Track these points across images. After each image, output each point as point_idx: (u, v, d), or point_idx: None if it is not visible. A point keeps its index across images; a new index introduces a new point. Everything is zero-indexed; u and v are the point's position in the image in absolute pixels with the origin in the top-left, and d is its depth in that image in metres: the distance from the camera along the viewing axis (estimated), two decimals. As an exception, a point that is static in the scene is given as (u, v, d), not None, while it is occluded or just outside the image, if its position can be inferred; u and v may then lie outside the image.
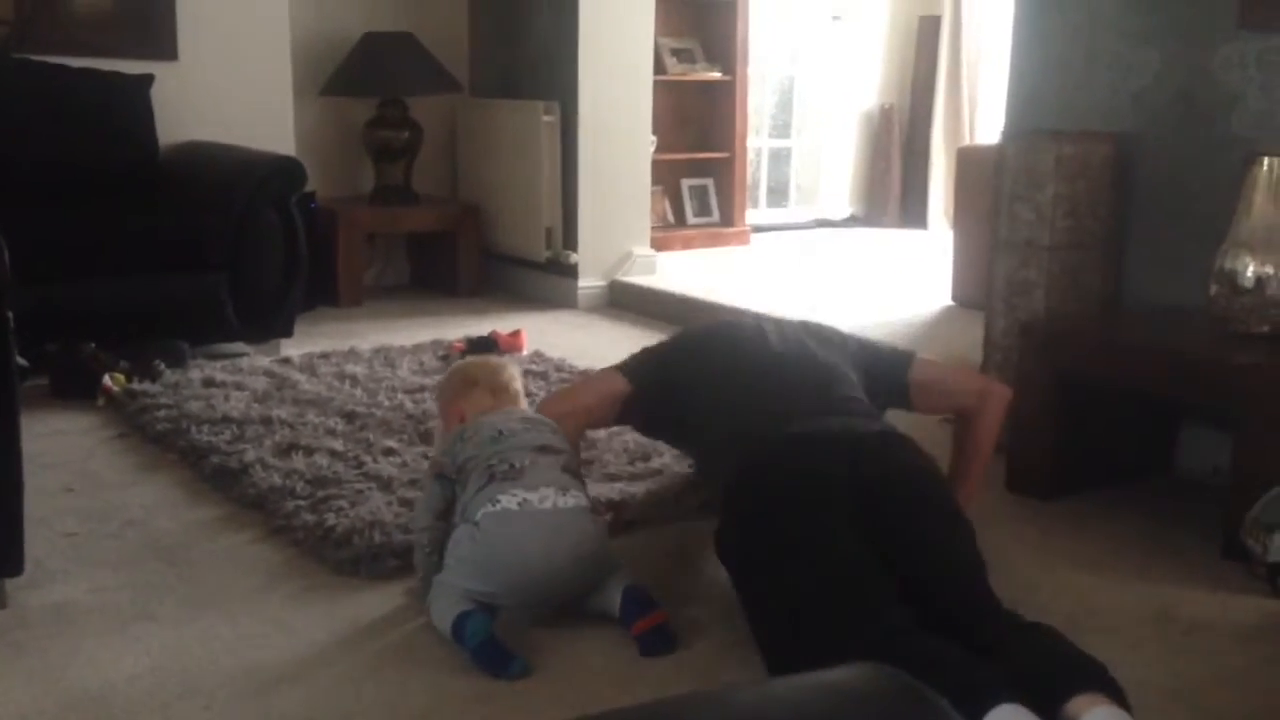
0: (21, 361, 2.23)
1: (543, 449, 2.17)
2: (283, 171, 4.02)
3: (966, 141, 6.42)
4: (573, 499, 2.11)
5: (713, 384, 2.38)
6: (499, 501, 2.06)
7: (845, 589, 1.87)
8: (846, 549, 1.93)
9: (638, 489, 2.74)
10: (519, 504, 2.06)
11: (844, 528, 1.96)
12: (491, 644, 1.97)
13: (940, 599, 1.92)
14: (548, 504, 2.07)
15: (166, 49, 4.46)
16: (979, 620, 1.88)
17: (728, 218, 6.27)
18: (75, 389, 3.49)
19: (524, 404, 2.45)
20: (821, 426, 2.16)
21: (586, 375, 2.51)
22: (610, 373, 2.51)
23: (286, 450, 2.92)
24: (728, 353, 2.44)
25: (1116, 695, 1.68)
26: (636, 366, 2.50)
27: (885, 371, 2.50)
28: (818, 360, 2.39)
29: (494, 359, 2.68)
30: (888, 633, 1.78)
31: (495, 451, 2.14)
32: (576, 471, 2.23)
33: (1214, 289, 2.65)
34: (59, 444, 3.11)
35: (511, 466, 2.11)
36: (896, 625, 1.80)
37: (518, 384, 2.48)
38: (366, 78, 5.07)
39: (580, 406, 2.46)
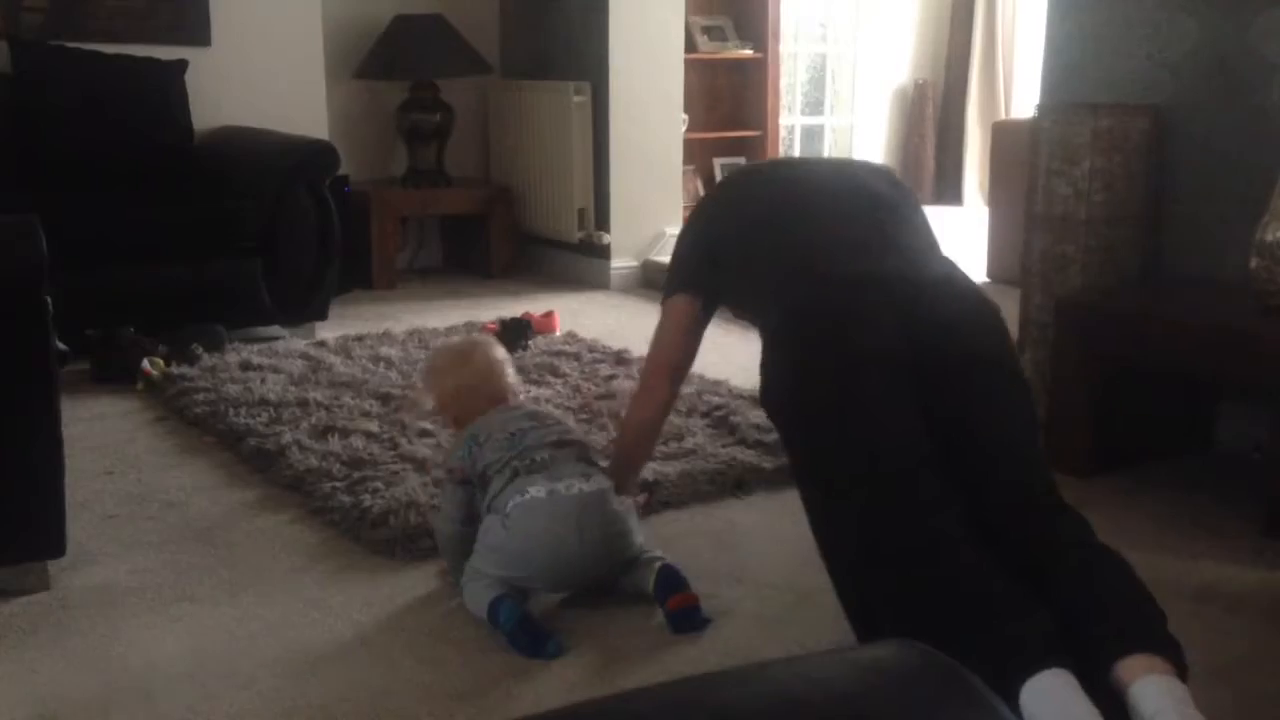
0: (61, 347, 2.26)
1: (558, 444, 2.17)
2: (316, 155, 4.04)
3: (1002, 116, 6.36)
4: (595, 484, 2.12)
5: (756, 240, 2.18)
6: (527, 492, 2.07)
7: (891, 468, 1.78)
8: (896, 416, 1.82)
9: (671, 470, 2.74)
10: (548, 493, 2.07)
11: (894, 386, 1.84)
12: (526, 625, 1.99)
13: (993, 474, 1.84)
14: (574, 490, 2.08)
15: (200, 34, 4.49)
16: (1033, 508, 1.82)
17: (760, 196, 6.23)
18: (115, 373, 3.53)
19: (513, 383, 2.35)
20: (873, 268, 1.99)
21: (658, 333, 2.36)
22: (673, 302, 2.33)
23: (323, 432, 2.94)
24: (768, 200, 2.24)
25: (1174, 654, 1.61)
26: (689, 276, 2.31)
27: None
28: (870, 191, 2.20)
29: (471, 340, 2.48)
30: (933, 539, 1.71)
31: (516, 451, 2.14)
32: (593, 459, 2.22)
33: (1254, 262, 2.61)
34: (99, 428, 3.15)
35: (534, 461, 2.12)
36: (943, 529, 1.72)
37: (501, 370, 2.33)
38: (398, 60, 5.08)
39: (675, 356, 2.33)
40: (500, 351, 2.39)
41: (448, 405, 2.34)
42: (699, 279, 2.30)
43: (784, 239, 2.13)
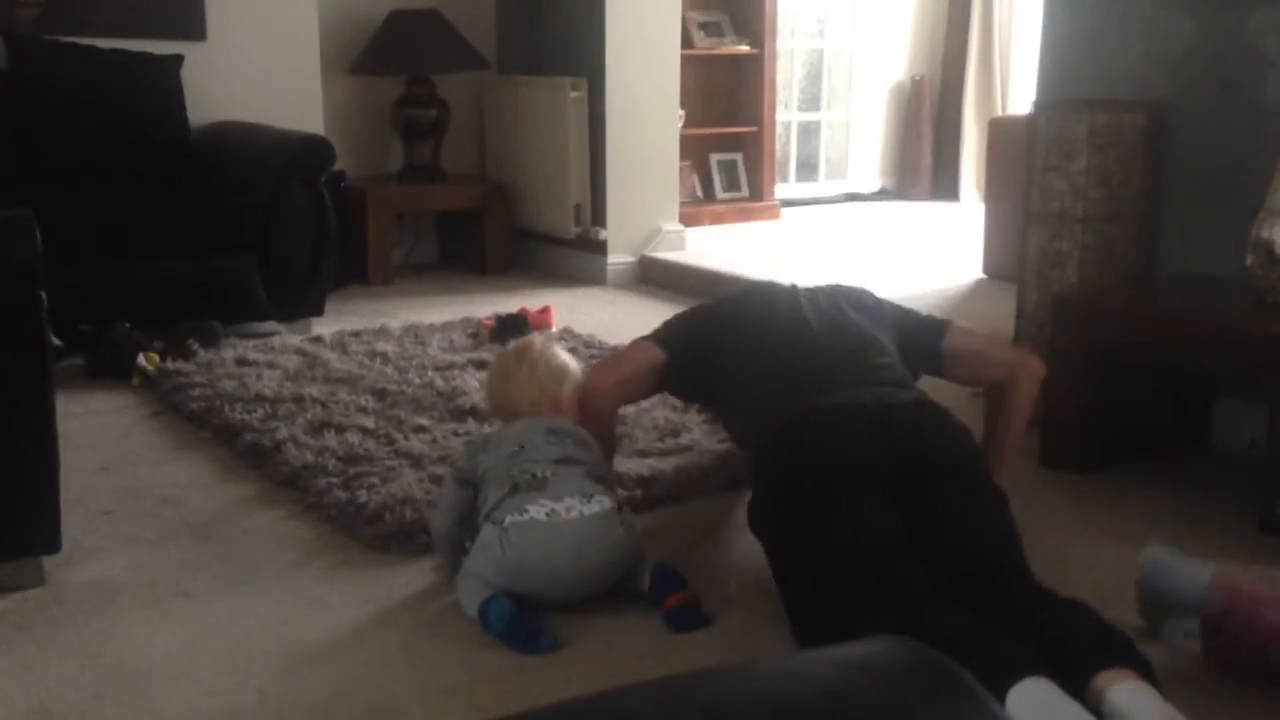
0: (56, 342, 2.25)
1: (563, 460, 2.14)
2: (312, 151, 4.03)
3: (998, 113, 6.35)
4: (598, 504, 2.08)
5: (746, 350, 2.36)
6: (526, 511, 2.04)
7: (876, 561, 1.86)
8: (878, 520, 1.92)
9: (667, 465, 2.74)
10: (546, 514, 2.04)
11: (875, 498, 1.95)
12: (518, 623, 1.98)
13: (972, 571, 1.91)
14: (574, 513, 2.05)
15: (195, 29, 4.48)
16: (1010, 593, 1.87)
17: (757, 192, 6.24)
18: (110, 369, 3.52)
19: (567, 396, 2.35)
20: (855, 395, 2.14)
21: (619, 350, 2.48)
22: (644, 343, 2.50)
23: (318, 428, 2.94)
24: (761, 318, 2.42)
25: (1144, 669, 1.67)
26: (670, 335, 2.48)
27: (919, 337, 2.48)
28: (852, 327, 2.37)
29: (522, 350, 2.44)
30: (917, 606, 1.77)
31: (516, 466, 2.12)
32: (602, 475, 2.20)
33: (1250, 259, 2.62)
34: (94, 423, 3.15)
35: (534, 476, 2.09)
36: (926, 598, 1.79)
37: (551, 383, 2.35)
38: (394, 56, 5.07)
39: (617, 380, 2.45)
40: (562, 361, 2.40)
41: (498, 408, 2.40)
42: (678, 345, 2.45)
43: (782, 365, 2.28)
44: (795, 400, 2.16)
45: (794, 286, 2.54)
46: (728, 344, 2.40)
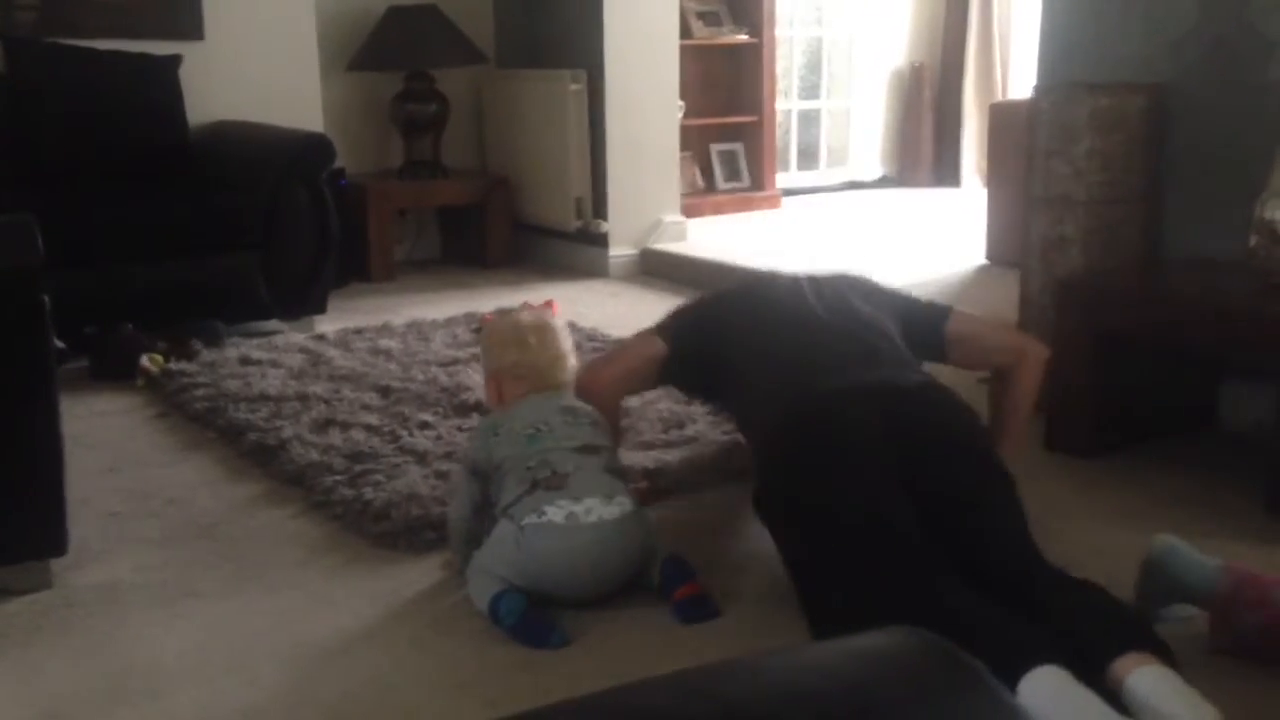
0: (59, 345, 2.25)
1: (584, 449, 2.12)
2: (312, 149, 4.03)
3: (999, 97, 6.34)
4: (618, 506, 2.06)
5: (749, 341, 2.35)
6: (545, 513, 2.02)
7: (886, 547, 1.86)
8: (887, 505, 1.91)
9: (673, 457, 2.74)
10: (565, 517, 2.02)
11: (884, 483, 1.95)
12: (529, 618, 1.98)
13: (982, 553, 1.91)
14: (593, 517, 2.03)
15: (193, 29, 4.47)
16: (1023, 575, 1.86)
17: (758, 182, 6.23)
18: (114, 370, 3.52)
19: (570, 365, 2.35)
20: (860, 380, 2.13)
21: (622, 342, 2.47)
22: (646, 336, 2.49)
23: (323, 426, 2.94)
24: (764, 308, 2.41)
25: (1163, 653, 1.66)
26: (673, 327, 2.47)
27: (922, 323, 2.47)
28: (856, 313, 2.36)
29: (540, 323, 2.39)
30: (930, 592, 1.77)
31: (534, 453, 2.09)
32: (618, 469, 2.18)
33: (1254, 240, 2.61)
34: (99, 425, 3.15)
35: (554, 473, 2.06)
36: (939, 584, 1.79)
37: (563, 350, 2.34)
38: (392, 52, 5.06)
39: (619, 373, 2.45)
40: (563, 342, 2.36)
41: (496, 380, 2.33)
42: (679, 338, 2.43)
43: (787, 354, 2.26)
44: (803, 386, 2.15)
45: (797, 276, 2.53)
46: (732, 334, 2.39)
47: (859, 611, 1.80)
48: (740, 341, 2.37)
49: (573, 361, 2.39)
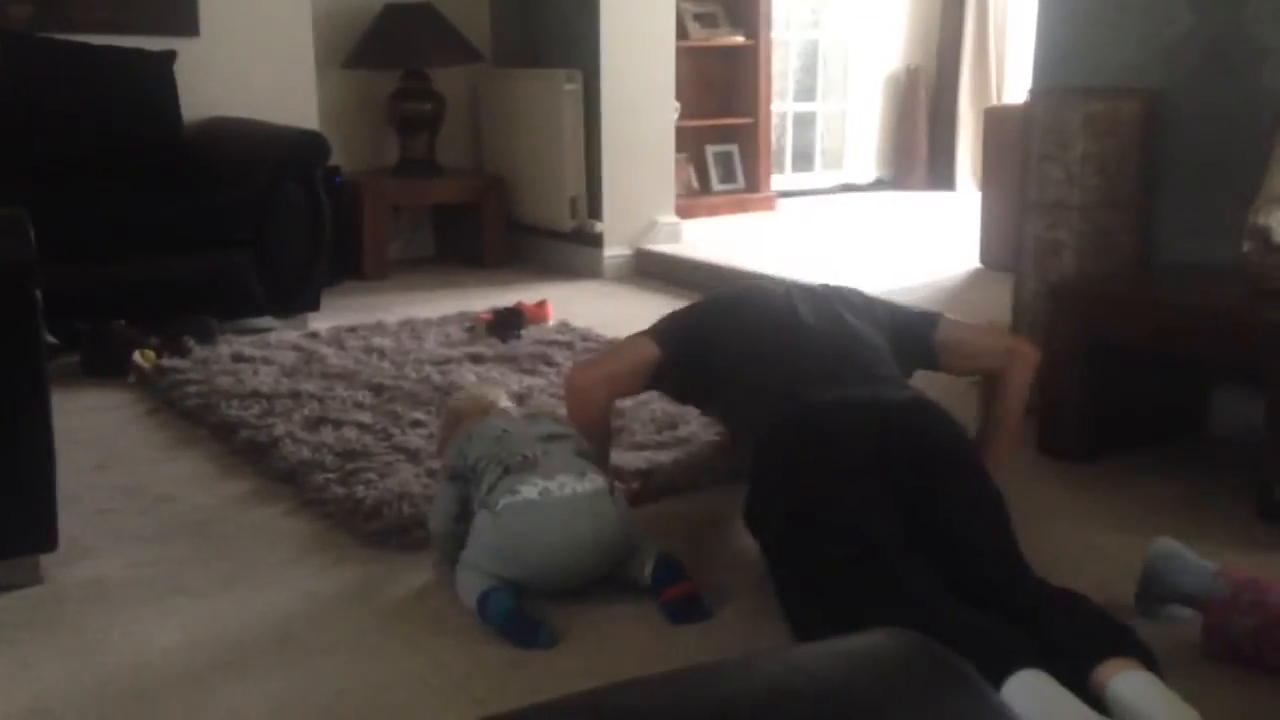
0: (51, 340, 2.25)
1: (550, 437, 2.17)
2: (306, 146, 4.02)
3: (994, 102, 6.35)
4: (590, 483, 2.10)
5: (741, 351, 2.36)
6: (519, 491, 2.05)
7: (873, 560, 1.86)
8: (874, 519, 1.92)
9: (665, 458, 2.74)
10: (539, 493, 2.05)
11: (872, 496, 1.96)
12: (516, 617, 1.98)
13: (969, 566, 1.91)
14: (567, 490, 2.06)
15: (188, 25, 4.46)
16: (1008, 587, 1.87)
17: (753, 184, 6.23)
18: (106, 366, 3.52)
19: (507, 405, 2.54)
20: (850, 394, 2.15)
21: (614, 343, 2.48)
22: (639, 339, 2.48)
23: (315, 424, 2.94)
24: (757, 319, 2.42)
25: (1145, 658, 1.67)
26: (666, 332, 2.47)
27: (912, 332, 2.48)
28: (847, 327, 2.37)
29: (478, 394, 2.61)
30: (915, 603, 1.77)
31: (503, 448, 2.14)
32: (588, 452, 2.21)
33: (1247, 246, 2.61)
34: (90, 421, 3.14)
35: (525, 458, 2.10)
36: (924, 595, 1.79)
37: (506, 402, 2.55)
38: (388, 50, 5.06)
39: (610, 374, 2.45)
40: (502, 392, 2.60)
41: (449, 435, 2.40)
42: (672, 343, 2.43)
43: (778, 365, 2.27)
44: (793, 398, 2.16)
45: (788, 288, 2.54)
46: (723, 341, 2.40)
47: (844, 625, 1.80)
48: (731, 349, 2.37)
49: (502, 397, 2.55)
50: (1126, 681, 1.61)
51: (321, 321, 4.10)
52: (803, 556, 1.96)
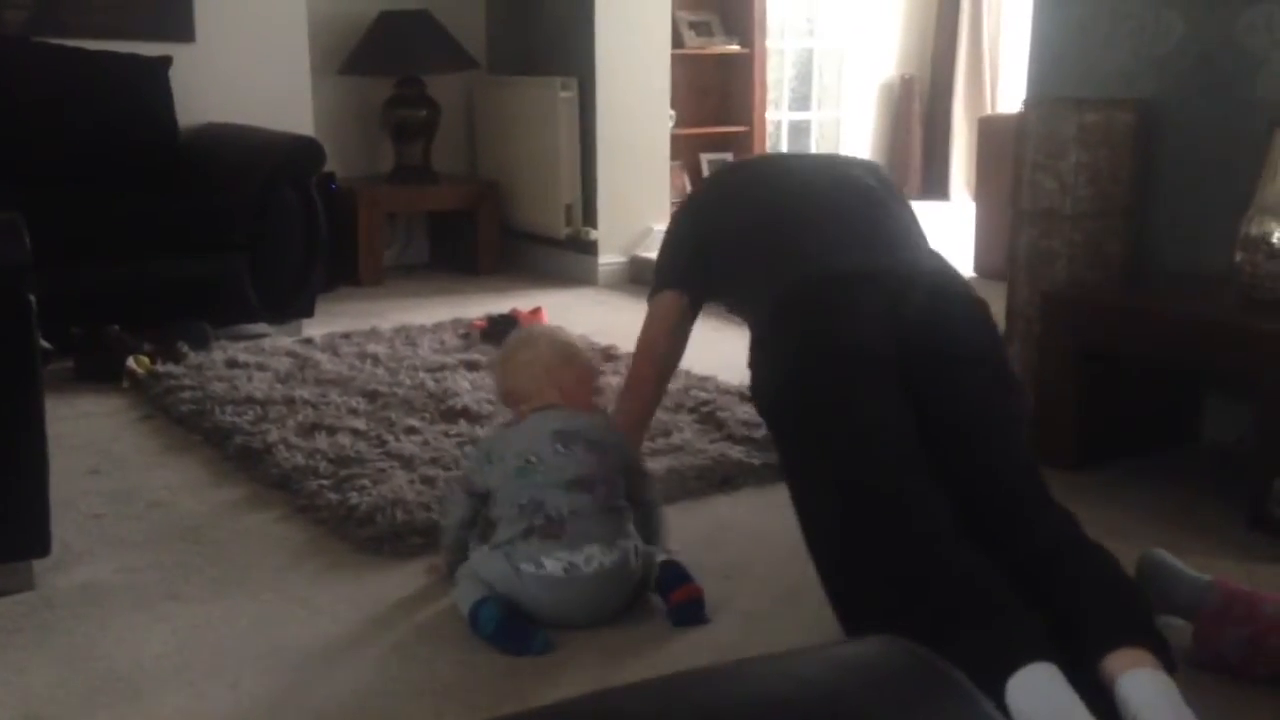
0: (45, 345, 2.25)
1: (575, 483, 2.03)
2: (302, 152, 4.03)
3: (988, 111, 6.37)
4: (619, 550, 2.02)
5: (751, 238, 2.18)
6: (543, 565, 1.98)
7: (880, 467, 1.78)
8: (886, 417, 1.81)
9: (659, 466, 2.74)
10: (564, 569, 1.98)
11: (883, 385, 1.84)
12: (509, 625, 1.97)
13: (983, 492, 1.83)
14: (594, 565, 1.99)
15: (184, 31, 4.47)
16: (1026, 525, 1.80)
17: (748, 192, 6.23)
18: (99, 371, 3.51)
19: (581, 360, 2.28)
20: (866, 263, 1.99)
21: (644, 322, 2.39)
22: (660, 298, 2.37)
23: (309, 430, 2.94)
24: (762, 196, 2.25)
25: (1161, 649, 1.62)
26: (676, 272, 2.34)
27: None
28: (864, 186, 2.20)
29: (569, 350, 2.29)
30: (922, 546, 1.71)
31: (523, 488, 2.04)
32: (618, 505, 2.08)
33: (1239, 256, 2.62)
34: (84, 426, 3.14)
35: (549, 520, 2.00)
36: (934, 533, 1.72)
37: (550, 373, 2.21)
38: (384, 56, 5.06)
39: (659, 354, 2.37)
40: (567, 341, 2.29)
41: (504, 394, 2.29)
42: (686, 275, 2.34)
43: (773, 237, 2.14)
44: (804, 266, 2.00)
45: (795, 161, 2.38)
46: (733, 239, 2.22)
47: (861, 571, 1.76)
48: (742, 242, 2.19)
49: (583, 354, 2.28)
50: (1138, 684, 1.56)
51: (316, 328, 4.10)
52: (807, 469, 1.86)
